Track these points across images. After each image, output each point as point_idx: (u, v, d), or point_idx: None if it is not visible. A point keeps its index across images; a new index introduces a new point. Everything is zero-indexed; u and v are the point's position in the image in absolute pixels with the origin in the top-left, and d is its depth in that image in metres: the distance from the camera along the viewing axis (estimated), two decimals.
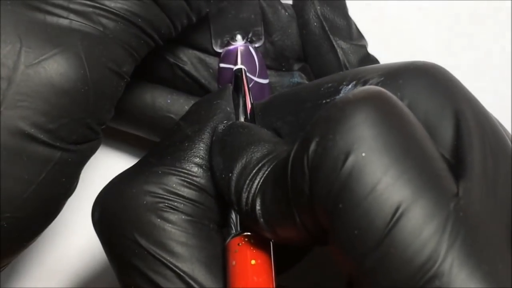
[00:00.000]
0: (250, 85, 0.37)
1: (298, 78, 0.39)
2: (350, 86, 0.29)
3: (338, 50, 0.37)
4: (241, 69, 0.35)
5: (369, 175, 0.23)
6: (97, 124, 0.32)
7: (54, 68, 0.29)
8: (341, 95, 0.29)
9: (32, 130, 0.29)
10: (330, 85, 0.30)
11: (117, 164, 0.43)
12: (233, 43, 0.37)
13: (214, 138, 0.31)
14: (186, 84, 0.38)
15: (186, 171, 0.30)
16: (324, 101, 0.30)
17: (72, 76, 0.30)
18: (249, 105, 0.33)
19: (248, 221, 0.28)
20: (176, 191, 0.30)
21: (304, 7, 0.38)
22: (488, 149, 0.26)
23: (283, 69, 0.39)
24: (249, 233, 0.29)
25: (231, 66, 0.37)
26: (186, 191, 0.30)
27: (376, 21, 0.43)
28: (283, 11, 0.38)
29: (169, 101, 0.38)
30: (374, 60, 0.39)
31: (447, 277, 0.22)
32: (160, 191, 0.30)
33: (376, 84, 0.28)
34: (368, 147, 0.24)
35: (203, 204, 0.30)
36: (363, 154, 0.24)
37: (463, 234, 0.23)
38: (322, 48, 0.38)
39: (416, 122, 0.26)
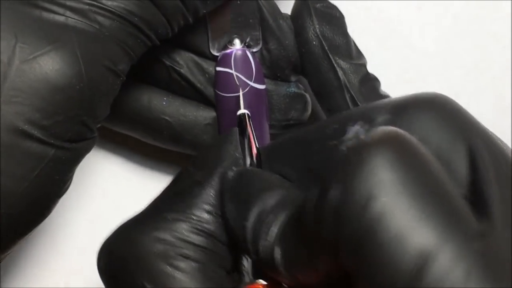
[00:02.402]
0: (246, 90, 0.37)
1: (295, 88, 0.39)
2: (356, 126, 0.29)
3: (338, 70, 0.37)
4: (245, 113, 0.35)
5: (392, 220, 0.23)
6: (93, 122, 0.31)
7: (49, 64, 0.29)
8: (348, 135, 0.29)
9: (26, 127, 0.29)
10: (336, 126, 0.30)
11: (115, 167, 0.43)
12: (230, 46, 0.37)
13: (225, 185, 0.31)
14: (182, 87, 0.38)
15: (196, 218, 0.30)
16: (331, 143, 0.29)
17: (67, 73, 0.30)
18: (254, 150, 0.33)
19: (266, 269, 0.28)
20: (187, 238, 0.29)
21: (303, 25, 0.38)
22: (505, 181, 0.26)
23: (278, 79, 0.39)
24: (264, 282, 0.29)
25: (228, 70, 0.37)
26: (196, 238, 0.29)
27: (375, 21, 0.43)
28: (281, 21, 0.38)
29: (164, 103, 0.38)
30: (374, 79, 0.38)
31: None
32: (171, 238, 0.29)
33: (384, 123, 0.28)
34: (389, 192, 0.24)
35: (213, 251, 0.30)
36: (384, 199, 0.24)
37: (492, 275, 0.23)
38: (321, 67, 0.38)
39: (433, 160, 0.25)
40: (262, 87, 0.37)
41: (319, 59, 0.38)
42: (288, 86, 0.39)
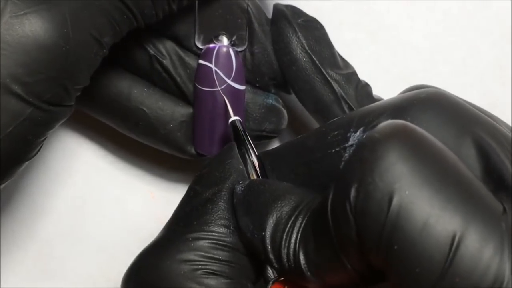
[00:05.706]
0: (223, 87, 0.37)
1: (273, 100, 0.39)
2: (358, 133, 0.29)
3: (332, 83, 0.37)
4: (234, 120, 0.35)
5: (418, 211, 0.24)
6: (73, 87, 0.31)
7: (39, 22, 0.30)
8: (350, 142, 0.29)
9: (8, 80, 0.29)
10: (336, 132, 0.30)
11: (94, 155, 0.43)
12: (215, 42, 0.37)
13: (235, 200, 0.31)
14: (163, 80, 0.38)
15: (215, 234, 0.30)
16: (333, 150, 0.30)
17: (54, 33, 0.30)
18: (255, 159, 0.33)
19: (291, 276, 0.28)
20: (210, 255, 0.30)
21: (289, 43, 0.37)
22: None
23: (257, 85, 0.39)
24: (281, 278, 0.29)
25: (208, 64, 0.37)
26: (220, 254, 0.30)
27: (365, 14, 0.43)
28: (267, 26, 0.38)
29: (144, 94, 0.38)
30: (366, 85, 0.38)
31: None
32: (195, 258, 0.29)
33: None
34: (409, 184, 0.24)
35: (238, 263, 0.30)
36: (407, 192, 0.24)
37: None
38: (315, 82, 0.37)
39: (444, 147, 0.26)
40: (241, 87, 0.38)
41: (311, 75, 0.37)
42: (267, 97, 0.39)
